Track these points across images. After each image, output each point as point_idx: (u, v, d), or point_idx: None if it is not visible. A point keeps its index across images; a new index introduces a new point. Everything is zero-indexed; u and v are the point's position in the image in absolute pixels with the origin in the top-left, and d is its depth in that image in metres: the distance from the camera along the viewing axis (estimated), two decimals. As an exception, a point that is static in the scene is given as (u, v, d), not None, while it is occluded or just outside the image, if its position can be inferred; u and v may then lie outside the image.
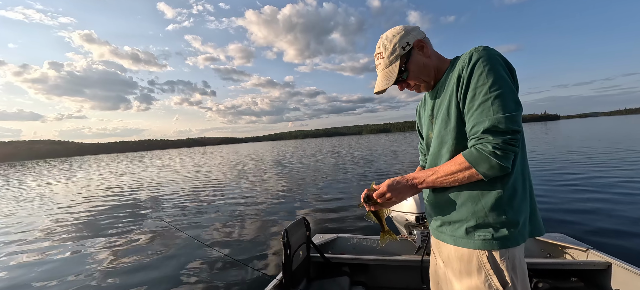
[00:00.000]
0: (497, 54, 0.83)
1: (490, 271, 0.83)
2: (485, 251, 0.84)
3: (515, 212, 0.83)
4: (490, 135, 0.76)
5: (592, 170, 7.35)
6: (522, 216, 0.84)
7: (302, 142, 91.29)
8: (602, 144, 13.79)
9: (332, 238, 2.45)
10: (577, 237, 2.20)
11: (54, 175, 21.99)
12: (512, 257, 0.83)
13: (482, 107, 0.78)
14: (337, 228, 4.50)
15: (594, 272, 1.83)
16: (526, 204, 0.85)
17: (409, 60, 0.93)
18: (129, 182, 13.40)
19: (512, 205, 0.83)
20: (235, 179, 11.57)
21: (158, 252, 3.90)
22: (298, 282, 1.99)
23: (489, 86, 0.77)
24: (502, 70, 0.80)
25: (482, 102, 0.78)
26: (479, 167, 0.77)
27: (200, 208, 6.63)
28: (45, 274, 3.53)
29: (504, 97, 0.76)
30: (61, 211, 7.48)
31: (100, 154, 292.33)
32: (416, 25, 1.00)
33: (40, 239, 5.09)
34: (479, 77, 0.79)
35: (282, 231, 1.80)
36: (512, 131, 0.75)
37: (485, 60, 0.80)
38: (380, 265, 2.15)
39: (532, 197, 0.89)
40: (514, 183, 0.83)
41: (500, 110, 0.76)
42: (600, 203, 4.63)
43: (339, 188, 7.82)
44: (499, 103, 0.76)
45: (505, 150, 0.75)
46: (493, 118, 0.76)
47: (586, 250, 1.95)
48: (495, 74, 0.78)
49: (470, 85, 0.81)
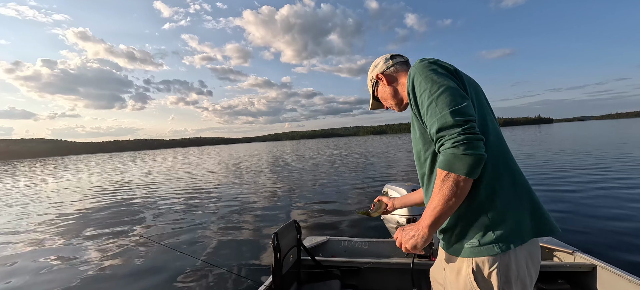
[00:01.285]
0: (432, 60, 0.88)
1: (473, 284, 0.81)
2: (472, 259, 0.81)
3: (500, 212, 0.80)
4: (444, 133, 0.78)
5: (581, 172, 7.47)
6: (510, 215, 0.80)
7: (299, 143, 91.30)
8: (593, 147, 14.02)
9: (324, 240, 2.43)
10: (564, 240, 2.23)
11: (39, 175, 21.61)
12: (506, 266, 0.79)
13: (430, 111, 0.82)
14: (329, 230, 4.47)
15: (580, 274, 1.86)
16: (518, 201, 0.82)
17: (377, 89, 1.15)
18: (115, 183, 13.23)
19: (494, 204, 0.81)
20: (227, 180, 11.49)
21: (136, 264, 3.63)
22: (288, 287, 1.97)
23: (430, 90, 0.82)
24: (438, 72, 0.85)
25: (428, 106, 0.82)
26: (454, 169, 0.76)
27: (187, 212, 6.50)
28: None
29: (445, 94, 0.80)
30: (37, 215, 7.35)
31: (93, 153, 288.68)
32: (386, 56, 1.13)
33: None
34: (419, 86, 0.86)
35: (272, 235, 1.77)
36: (463, 122, 0.76)
37: (420, 70, 0.87)
38: (372, 268, 2.13)
39: (529, 193, 0.86)
40: (490, 181, 0.82)
41: (444, 106, 0.78)
42: (589, 206, 4.69)
43: (332, 190, 7.81)
44: (442, 101, 0.79)
45: (465, 139, 0.74)
46: (440, 116, 0.78)
47: (572, 252, 1.98)
48: (432, 77, 0.84)
49: (417, 96, 0.87)
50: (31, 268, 3.77)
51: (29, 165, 44.00)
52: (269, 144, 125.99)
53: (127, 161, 37.01)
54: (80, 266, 3.72)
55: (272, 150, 42.22)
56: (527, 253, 0.82)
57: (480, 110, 0.88)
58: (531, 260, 0.83)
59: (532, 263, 0.83)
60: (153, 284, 3.10)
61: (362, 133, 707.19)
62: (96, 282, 3.25)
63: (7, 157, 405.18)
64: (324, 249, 2.42)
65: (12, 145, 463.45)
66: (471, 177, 0.77)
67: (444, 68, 0.87)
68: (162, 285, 3.05)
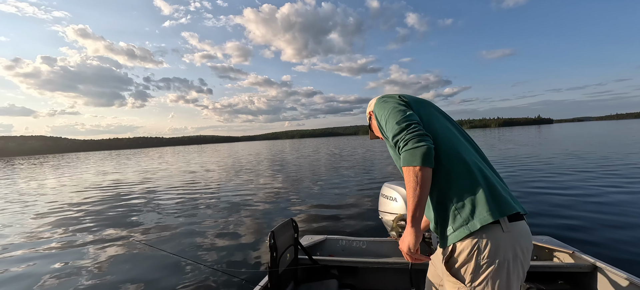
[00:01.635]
0: (386, 96, 1.20)
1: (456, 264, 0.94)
2: (452, 245, 0.94)
3: (460, 199, 0.93)
4: (397, 138, 1.00)
5: (579, 173, 7.47)
6: (469, 200, 0.91)
7: (298, 142, 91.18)
8: (592, 148, 14.01)
9: (321, 239, 2.41)
10: (563, 240, 2.22)
11: (37, 173, 21.57)
12: (479, 245, 0.88)
13: (387, 128, 1.08)
14: (327, 229, 4.45)
15: (580, 274, 1.85)
16: (475, 187, 0.92)
17: (371, 123, 1.34)
18: (112, 181, 13.20)
19: (454, 193, 0.94)
20: (225, 179, 11.46)
21: (129, 265, 3.56)
22: (285, 286, 1.95)
23: (383, 115, 1.12)
24: (386, 101, 1.16)
25: (385, 126, 1.10)
26: (411, 162, 0.93)
27: (184, 211, 6.47)
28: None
29: (392, 112, 1.07)
30: (29, 213, 7.32)
31: (92, 151, 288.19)
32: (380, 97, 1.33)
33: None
34: (378, 114, 1.16)
35: (269, 233, 1.76)
36: (406, 125, 0.99)
37: (376, 104, 1.20)
38: (369, 267, 2.12)
39: (486, 179, 0.95)
40: (446, 174, 0.97)
41: (393, 120, 1.04)
42: (588, 206, 4.68)
43: (331, 189, 7.79)
44: (392, 118, 1.06)
45: (412, 136, 0.95)
46: (392, 128, 1.03)
47: (572, 252, 1.97)
48: (383, 106, 1.14)
49: (380, 123, 1.15)
50: (21, 268, 3.75)
51: (27, 163, 43.93)
52: (269, 143, 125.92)
53: (126, 159, 36.97)
54: (73, 267, 3.69)
55: (272, 149, 42.18)
56: (507, 234, 0.89)
57: (428, 117, 1.09)
58: (513, 240, 0.89)
59: (517, 243, 0.89)
60: (147, 285, 3.04)
61: (361, 132, 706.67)
62: (88, 285, 3.21)
63: (6, 154, 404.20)
64: (321, 248, 2.40)
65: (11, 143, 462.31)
66: (426, 166, 0.91)
67: (390, 97, 1.17)
68: (156, 286, 2.99)
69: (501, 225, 0.88)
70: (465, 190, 0.93)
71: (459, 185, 0.94)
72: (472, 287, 0.90)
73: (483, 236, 0.88)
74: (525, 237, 0.92)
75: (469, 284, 0.91)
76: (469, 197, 0.91)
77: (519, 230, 0.91)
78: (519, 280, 0.91)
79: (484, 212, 0.88)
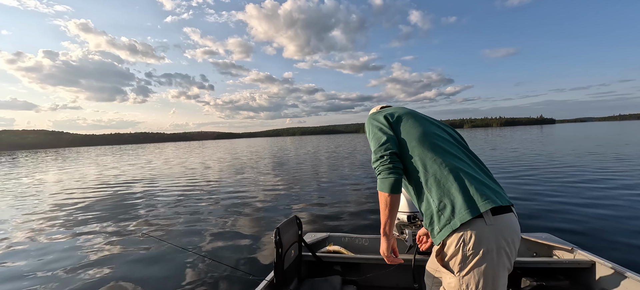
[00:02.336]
0: (372, 117, 1.34)
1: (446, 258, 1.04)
2: (441, 241, 1.04)
3: (440, 202, 1.04)
4: (374, 165, 1.19)
5: (579, 171, 7.49)
6: (448, 202, 1.01)
7: (299, 139, 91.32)
8: (591, 147, 13.99)
9: (324, 237, 2.44)
10: (563, 236, 2.25)
11: (39, 166, 21.69)
12: (463, 240, 0.97)
13: (371, 148, 1.25)
14: (329, 227, 4.49)
15: (579, 270, 1.88)
16: (456, 188, 1.01)
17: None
18: (115, 176, 13.27)
19: (434, 198, 1.06)
20: (228, 175, 11.51)
21: (135, 259, 3.61)
22: (289, 282, 1.98)
23: (369, 137, 1.30)
24: (372, 123, 1.30)
25: (370, 144, 1.28)
26: (381, 189, 1.14)
27: (188, 206, 6.51)
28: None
29: (373, 138, 1.24)
30: (34, 206, 7.39)
31: (94, 146, 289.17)
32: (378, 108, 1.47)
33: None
34: (367, 133, 1.33)
35: (274, 230, 1.78)
36: (380, 157, 1.16)
37: (367, 121, 1.36)
38: (372, 264, 2.15)
39: (467, 177, 1.04)
40: (425, 181, 1.10)
41: (373, 149, 1.22)
42: (587, 203, 4.70)
43: (332, 186, 7.82)
44: (372, 144, 1.24)
45: (382, 169, 1.13)
46: (372, 154, 1.22)
47: (571, 248, 2.00)
48: (369, 129, 1.31)
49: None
50: (27, 262, 3.80)
51: (29, 157, 44.16)
52: (270, 140, 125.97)
53: (127, 154, 37.11)
54: (78, 261, 3.74)
55: (273, 146, 42.25)
56: (490, 227, 0.96)
57: (406, 133, 1.21)
58: (497, 232, 0.96)
59: (500, 234, 0.97)
60: (153, 278, 3.09)
61: (363, 130, 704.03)
62: (95, 277, 3.25)
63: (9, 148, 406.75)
64: (324, 244, 2.43)
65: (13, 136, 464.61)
66: (394, 193, 1.11)
67: (375, 119, 1.30)
68: (163, 279, 3.04)
69: (484, 219, 0.96)
70: (445, 193, 1.03)
71: (439, 189, 1.05)
72: (460, 276, 0.99)
73: (467, 230, 0.96)
74: (509, 228, 0.98)
75: (457, 274, 1.00)
76: (448, 199, 1.01)
77: (503, 223, 0.97)
78: (505, 269, 0.98)
79: (463, 211, 0.97)
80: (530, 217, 4.36)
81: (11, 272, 3.42)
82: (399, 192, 1.13)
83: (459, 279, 0.99)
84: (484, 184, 1.05)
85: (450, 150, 1.14)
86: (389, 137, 1.19)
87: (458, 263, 0.99)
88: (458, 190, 1.01)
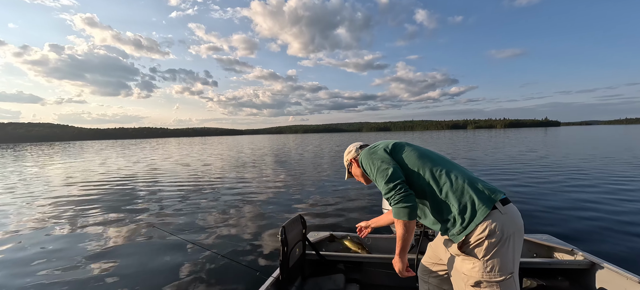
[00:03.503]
0: (368, 153, 1.42)
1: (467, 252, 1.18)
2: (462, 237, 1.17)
3: (454, 207, 1.18)
4: (387, 196, 1.26)
5: (580, 174, 7.47)
6: (460, 206, 1.16)
7: (302, 137, 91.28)
8: (593, 151, 13.87)
9: (327, 236, 2.49)
10: (563, 238, 2.29)
11: (45, 159, 21.95)
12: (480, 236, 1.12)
13: (377, 182, 1.33)
14: (332, 226, 4.53)
15: (579, 271, 1.93)
16: (466, 191, 1.17)
17: (351, 167, 1.60)
18: (120, 171, 13.41)
19: (450, 204, 1.19)
20: (232, 171, 11.60)
21: (143, 252, 3.66)
22: (294, 280, 2.04)
23: (372, 172, 1.36)
24: (372, 157, 1.37)
25: (375, 179, 1.36)
26: (400, 217, 1.21)
27: (193, 202, 6.59)
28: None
29: (379, 172, 1.30)
30: (43, 198, 7.51)
31: (98, 140, 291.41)
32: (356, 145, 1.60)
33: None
34: (366, 167, 1.41)
35: (280, 229, 1.83)
36: (392, 187, 1.23)
37: (364, 157, 1.44)
38: (374, 263, 2.19)
39: (469, 181, 1.20)
40: (437, 192, 1.23)
41: (381, 180, 1.28)
42: (587, 206, 4.72)
43: (335, 186, 7.86)
44: (379, 176, 1.30)
45: (398, 199, 1.21)
46: (382, 187, 1.28)
47: (571, 250, 2.05)
48: (370, 164, 1.37)
49: (367, 172, 1.42)
50: (34, 251, 3.88)
51: (37, 149, 44.67)
52: (273, 137, 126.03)
53: (129, 150, 37.40)
54: (83, 252, 3.82)
55: (276, 143, 42.34)
56: (505, 215, 1.12)
57: (408, 158, 1.33)
58: (511, 219, 1.13)
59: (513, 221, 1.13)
60: (161, 272, 3.15)
61: (365, 129, 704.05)
62: (103, 270, 3.31)
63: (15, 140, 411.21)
64: (327, 244, 2.48)
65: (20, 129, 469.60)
66: (412, 219, 1.21)
67: (374, 153, 1.39)
68: (170, 273, 3.10)
69: (499, 209, 1.13)
70: (461, 196, 1.17)
71: (455, 194, 1.18)
72: (484, 260, 1.12)
73: (490, 221, 1.11)
74: (517, 216, 1.17)
75: (482, 258, 1.12)
76: (466, 200, 1.16)
77: (512, 211, 1.16)
78: (518, 251, 1.15)
79: (482, 206, 1.13)
80: (531, 218, 4.41)
81: (14, 262, 3.52)
82: (416, 217, 1.23)
83: (483, 263, 1.12)
84: (484, 181, 1.23)
85: (447, 161, 1.33)
86: (395, 167, 1.29)
87: (484, 249, 1.11)
88: (471, 190, 1.17)
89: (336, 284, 2.04)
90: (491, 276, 1.11)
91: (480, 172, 9.55)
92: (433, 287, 1.48)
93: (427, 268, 1.51)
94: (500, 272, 1.10)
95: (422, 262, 1.55)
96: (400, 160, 1.34)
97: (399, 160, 1.34)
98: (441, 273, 1.44)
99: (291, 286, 1.96)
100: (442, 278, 1.44)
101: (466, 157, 14.33)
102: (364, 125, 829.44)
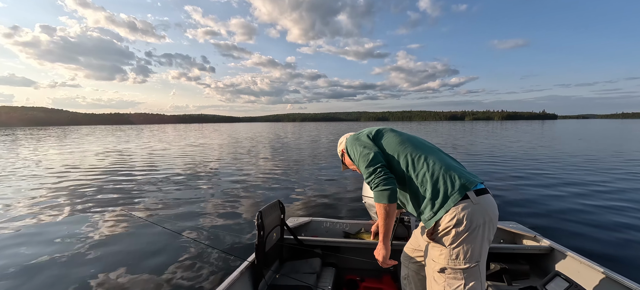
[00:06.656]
0: (353, 139, 1.46)
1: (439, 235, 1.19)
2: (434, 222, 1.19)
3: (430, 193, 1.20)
4: (368, 180, 1.28)
5: (553, 167, 7.64)
6: (435, 192, 1.18)
7: (299, 125, 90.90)
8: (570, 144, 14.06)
9: (306, 221, 2.54)
10: (528, 225, 2.44)
11: (38, 144, 21.77)
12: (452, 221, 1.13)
13: (360, 167, 1.36)
14: (313, 212, 4.61)
15: (539, 255, 2.07)
16: (442, 178, 1.18)
17: (344, 158, 1.63)
18: (109, 156, 13.37)
19: (426, 191, 1.21)
20: (221, 159, 11.58)
21: (118, 239, 3.61)
22: (271, 263, 2.09)
23: (355, 158, 1.40)
24: (356, 143, 1.41)
25: (358, 164, 1.38)
26: (380, 201, 1.22)
27: (175, 188, 6.57)
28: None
29: (362, 156, 1.33)
30: (27, 186, 7.50)
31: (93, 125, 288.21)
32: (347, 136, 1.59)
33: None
34: (351, 153, 1.44)
35: (256, 213, 1.87)
36: (373, 170, 1.26)
37: (348, 143, 1.48)
38: (351, 247, 2.26)
39: (448, 168, 1.21)
40: (415, 177, 1.24)
41: (363, 164, 1.31)
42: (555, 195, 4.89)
43: (320, 173, 7.94)
44: (362, 161, 1.33)
45: (378, 182, 1.23)
46: (364, 171, 1.31)
47: (534, 236, 2.18)
48: (354, 150, 1.41)
49: (352, 159, 1.45)
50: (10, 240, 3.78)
51: (32, 134, 44.17)
52: (270, 125, 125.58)
53: (126, 135, 37.10)
54: (62, 239, 3.79)
55: (272, 131, 42.25)
56: (477, 205, 1.13)
57: (389, 143, 1.36)
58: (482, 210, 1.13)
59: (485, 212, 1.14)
60: (137, 259, 3.11)
61: (364, 119, 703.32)
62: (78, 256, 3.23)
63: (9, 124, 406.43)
64: (306, 229, 2.54)
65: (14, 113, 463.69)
66: (392, 202, 1.21)
67: (358, 140, 1.43)
68: (145, 260, 3.07)
69: (471, 198, 1.13)
70: (436, 182, 1.19)
71: (430, 180, 1.20)
72: (451, 248, 1.14)
73: (459, 210, 1.12)
74: (491, 206, 1.17)
75: (448, 246, 1.14)
76: (440, 186, 1.17)
77: (486, 202, 1.16)
78: (488, 242, 1.16)
79: (454, 194, 1.14)
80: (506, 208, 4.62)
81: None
82: (396, 200, 1.23)
83: (450, 250, 1.14)
84: (463, 170, 1.24)
85: (429, 147, 1.35)
86: (376, 152, 1.31)
87: (451, 237, 1.13)
88: (446, 177, 1.18)
89: (313, 267, 2.10)
90: (456, 263, 1.13)
91: (461, 160, 9.67)
92: (412, 272, 1.52)
93: (408, 254, 1.54)
94: (465, 261, 1.12)
95: (405, 248, 1.59)
96: (381, 146, 1.36)
97: (380, 146, 1.36)
98: (419, 259, 1.47)
99: (267, 270, 2.02)
100: (420, 264, 1.48)
101: (455, 145, 14.42)
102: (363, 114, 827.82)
